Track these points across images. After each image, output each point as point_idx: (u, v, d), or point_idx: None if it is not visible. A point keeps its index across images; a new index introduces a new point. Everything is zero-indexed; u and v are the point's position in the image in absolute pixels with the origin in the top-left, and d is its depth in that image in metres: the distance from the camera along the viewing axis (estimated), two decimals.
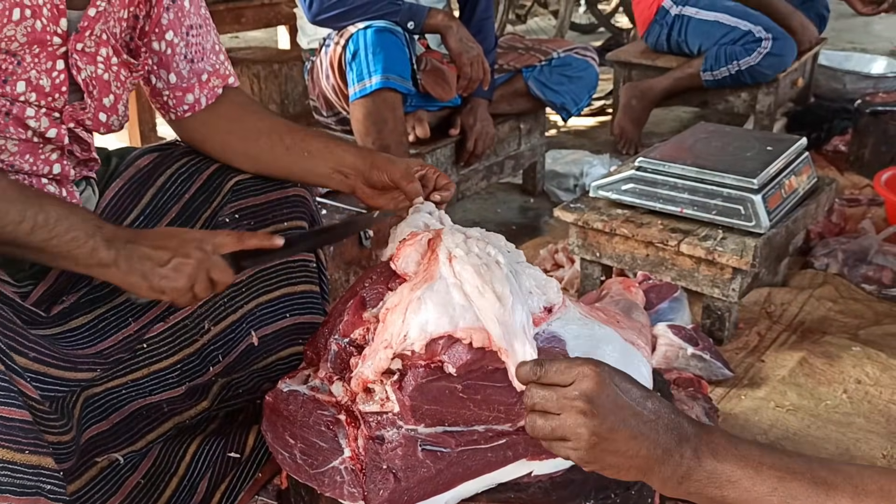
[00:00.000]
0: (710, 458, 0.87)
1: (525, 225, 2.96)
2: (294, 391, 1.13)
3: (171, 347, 1.35)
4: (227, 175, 1.45)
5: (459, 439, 1.06)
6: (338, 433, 1.10)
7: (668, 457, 0.88)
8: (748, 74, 3.30)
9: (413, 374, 1.03)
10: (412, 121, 2.51)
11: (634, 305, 1.42)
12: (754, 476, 0.86)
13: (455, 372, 1.03)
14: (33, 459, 0.95)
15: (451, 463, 1.05)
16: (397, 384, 1.03)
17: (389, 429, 1.05)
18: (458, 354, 1.02)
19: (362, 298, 1.13)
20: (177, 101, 1.41)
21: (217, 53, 1.44)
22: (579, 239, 2.16)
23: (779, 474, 0.85)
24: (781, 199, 2.04)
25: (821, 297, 2.28)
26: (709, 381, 1.87)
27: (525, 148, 3.01)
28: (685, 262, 2.00)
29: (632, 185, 2.10)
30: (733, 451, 0.88)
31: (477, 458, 1.06)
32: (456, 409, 1.05)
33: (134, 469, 1.33)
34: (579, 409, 0.88)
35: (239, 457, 1.40)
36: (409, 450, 1.04)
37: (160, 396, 1.33)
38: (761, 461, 0.86)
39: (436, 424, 1.05)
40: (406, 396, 1.03)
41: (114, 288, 1.29)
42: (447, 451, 1.05)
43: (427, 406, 1.04)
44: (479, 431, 1.06)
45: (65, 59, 1.20)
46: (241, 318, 1.41)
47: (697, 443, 0.88)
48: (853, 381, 1.90)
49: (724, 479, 0.87)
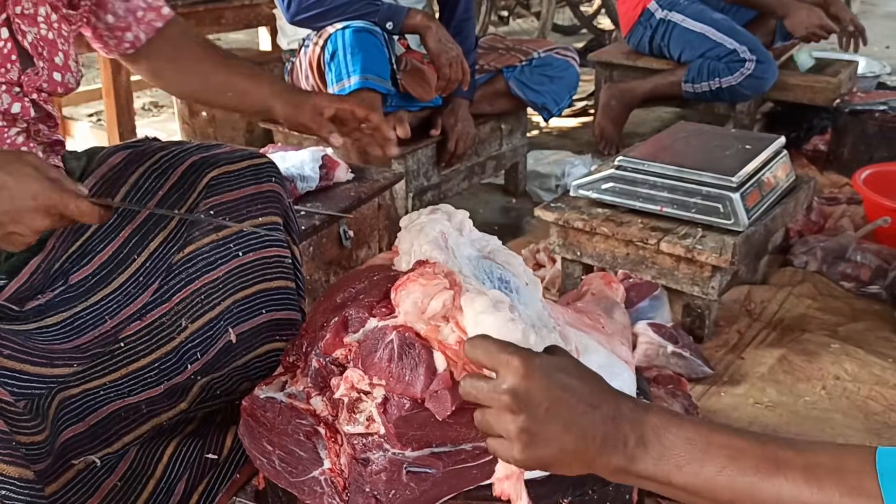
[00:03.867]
0: (657, 443, 0.83)
1: (507, 225, 2.96)
2: (271, 398, 1.11)
3: (148, 345, 1.33)
4: (202, 171, 1.43)
5: (447, 460, 1.03)
6: (317, 444, 1.08)
7: (610, 446, 0.83)
8: (727, 93, 3.31)
9: (396, 403, 1.00)
10: (393, 121, 2.49)
11: (615, 304, 1.41)
12: (702, 457, 0.81)
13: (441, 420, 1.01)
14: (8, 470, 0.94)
15: (435, 483, 1.03)
16: (382, 407, 1.01)
17: (375, 452, 1.02)
18: (443, 404, 0.99)
19: (344, 320, 1.09)
20: (117, 41, 1.45)
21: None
22: (560, 238, 2.17)
23: (727, 453, 0.81)
24: (760, 197, 2.05)
25: (800, 294, 2.29)
26: (689, 379, 1.87)
27: (507, 148, 3.01)
28: (665, 261, 2.01)
29: (612, 185, 2.11)
30: (681, 433, 0.83)
31: (462, 476, 1.04)
32: (443, 433, 1.02)
33: (111, 471, 1.31)
34: (505, 405, 0.83)
35: (216, 458, 1.39)
36: (394, 474, 1.01)
37: (139, 397, 1.32)
38: (709, 440, 0.82)
39: (423, 447, 1.02)
40: (391, 424, 1.00)
41: (90, 286, 1.29)
42: (433, 471, 1.03)
43: (413, 432, 1.01)
44: (466, 450, 1.03)
45: (7, 26, 1.19)
46: (219, 314, 1.39)
47: (641, 429, 0.84)
48: (832, 378, 1.91)
49: (672, 463, 0.82)
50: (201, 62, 1.50)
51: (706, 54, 3.29)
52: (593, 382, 0.87)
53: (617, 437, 0.84)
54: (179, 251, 1.37)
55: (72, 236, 1.32)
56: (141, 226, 1.36)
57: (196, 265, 1.38)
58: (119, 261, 1.33)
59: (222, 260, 1.40)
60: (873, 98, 3.27)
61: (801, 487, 0.78)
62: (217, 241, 1.40)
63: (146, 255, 1.35)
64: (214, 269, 1.39)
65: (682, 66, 3.37)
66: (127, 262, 1.34)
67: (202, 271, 1.38)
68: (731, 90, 3.29)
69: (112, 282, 1.32)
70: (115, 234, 1.35)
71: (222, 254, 1.40)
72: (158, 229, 1.36)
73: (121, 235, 1.35)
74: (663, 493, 0.87)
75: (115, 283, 1.32)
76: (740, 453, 0.81)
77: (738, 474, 0.80)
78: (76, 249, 1.32)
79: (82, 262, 1.31)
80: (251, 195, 1.44)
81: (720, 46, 3.26)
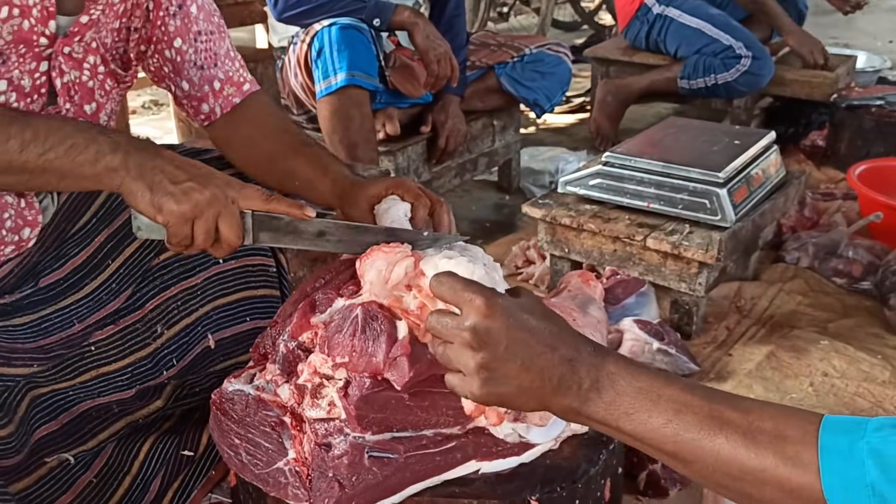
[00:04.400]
0: (610, 389, 0.86)
1: (499, 222, 2.95)
2: (239, 391, 1.12)
3: (121, 350, 1.33)
4: None
5: (408, 445, 1.04)
6: (282, 434, 1.08)
7: (565, 387, 0.86)
8: (724, 89, 3.29)
9: (357, 383, 1.01)
10: (382, 118, 2.49)
11: (591, 300, 1.41)
12: (651, 408, 0.84)
13: (400, 389, 1.01)
14: None
15: (398, 468, 1.03)
16: (342, 391, 1.02)
17: (336, 436, 1.03)
18: (401, 370, 1.00)
19: (312, 302, 1.11)
20: (194, 111, 1.40)
21: (232, 60, 1.42)
22: (548, 235, 2.16)
23: (675, 406, 0.84)
24: (748, 192, 2.03)
25: (791, 290, 2.27)
26: None
27: (499, 145, 3.00)
28: (652, 257, 2.00)
29: (599, 181, 2.09)
30: (634, 382, 0.86)
31: (425, 463, 1.05)
32: (403, 416, 1.04)
33: (86, 468, 1.32)
34: (465, 341, 0.87)
35: (192, 455, 1.39)
36: (356, 458, 1.02)
37: (109, 398, 1.32)
38: (660, 393, 0.85)
39: (383, 431, 1.03)
40: (351, 406, 1.01)
41: (61, 290, 1.29)
42: (395, 457, 1.03)
43: (373, 414, 1.02)
44: (427, 436, 1.05)
45: (49, 60, 1.18)
46: (197, 321, 1.39)
47: (597, 374, 0.87)
48: (820, 374, 1.89)
49: (621, 410, 0.85)
50: (273, 144, 1.40)
51: (702, 50, 3.28)
52: (555, 324, 0.89)
53: (572, 379, 0.86)
54: (155, 257, 1.37)
55: (49, 241, 1.31)
56: (118, 230, 1.36)
57: (172, 272, 1.38)
58: (93, 266, 1.33)
59: (201, 267, 1.40)
60: (871, 93, 3.25)
61: (739, 450, 0.81)
62: None
63: (121, 260, 1.35)
64: (192, 276, 1.39)
65: (678, 62, 3.36)
66: (101, 267, 1.33)
67: (179, 278, 1.38)
68: (727, 87, 3.27)
69: (84, 287, 1.32)
70: (91, 238, 1.34)
71: (201, 261, 1.39)
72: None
73: (97, 240, 1.34)
74: (613, 436, 0.91)
75: (86, 288, 1.32)
76: (687, 408, 0.84)
77: (682, 429, 0.83)
78: (52, 252, 1.31)
79: (55, 266, 1.31)
80: None
81: (716, 42, 3.25)
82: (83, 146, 1.01)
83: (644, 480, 1.55)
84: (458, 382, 0.91)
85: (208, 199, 1.04)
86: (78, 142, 1.01)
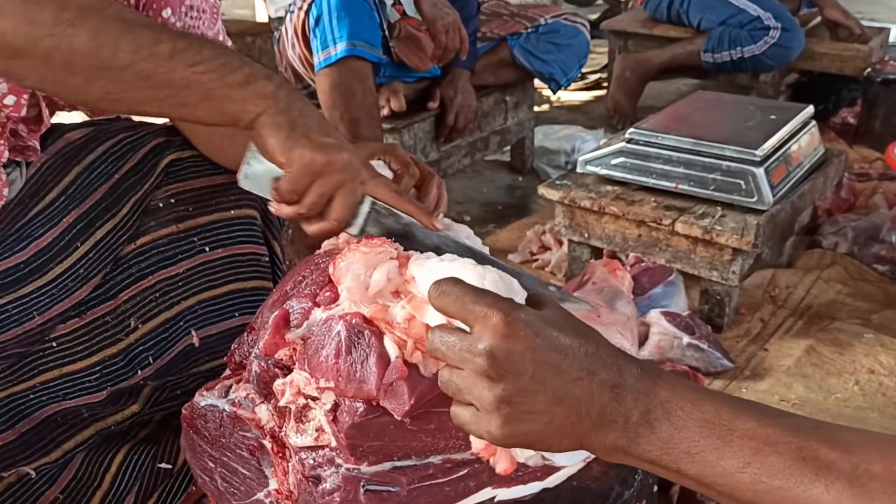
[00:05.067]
0: (665, 423, 0.68)
1: (512, 205, 2.81)
2: (212, 406, 0.96)
3: (87, 347, 1.20)
4: (164, 153, 1.30)
5: (412, 475, 0.88)
6: (262, 461, 0.93)
7: (608, 421, 0.69)
8: (750, 63, 3.14)
9: (348, 409, 0.85)
10: (386, 93, 2.36)
11: (619, 293, 1.26)
12: (721, 447, 0.67)
13: (400, 418, 0.85)
14: None
15: (401, 503, 0.88)
16: (331, 415, 0.85)
17: (326, 468, 0.87)
18: (400, 399, 0.83)
19: (286, 314, 0.93)
20: None
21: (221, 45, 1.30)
22: (566, 219, 2.01)
23: (754, 445, 0.66)
24: (786, 172, 1.89)
25: (829, 278, 2.13)
26: (706, 374, 1.73)
27: (512, 122, 2.85)
28: (680, 243, 1.86)
29: (622, 159, 1.95)
30: (696, 413, 0.68)
31: (432, 494, 0.89)
32: (405, 443, 0.87)
33: (51, 482, 1.19)
34: (480, 368, 0.69)
35: (171, 468, 1.26)
36: (350, 493, 0.86)
37: (77, 401, 1.19)
38: (732, 427, 0.67)
39: (382, 461, 0.87)
40: (342, 434, 0.85)
41: (21, 276, 1.16)
42: (396, 489, 0.87)
43: (369, 443, 0.86)
44: (434, 463, 0.88)
45: None
46: (178, 315, 1.27)
47: (648, 403, 0.69)
48: (865, 372, 1.76)
49: (681, 449, 0.68)
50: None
51: (728, 21, 3.13)
52: (591, 341, 0.72)
53: (617, 411, 0.69)
54: (130, 242, 1.25)
55: (10, 218, 1.18)
56: (89, 210, 1.23)
57: (149, 259, 1.26)
58: (59, 249, 1.20)
59: (183, 255, 1.28)
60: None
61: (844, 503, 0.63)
62: (177, 234, 1.28)
63: (91, 243, 1.22)
64: (173, 265, 1.27)
65: (701, 35, 3.23)
66: (68, 250, 1.20)
67: (157, 266, 1.26)
68: (754, 60, 3.11)
69: (47, 272, 1.18)
70: (59, 217, 1.21)
71: (184, 248, 1.27)
72: (108, 216, 1.23)
73: (65, 220, 1.21)
74: (671, 479, 0.72)
75: (50, 273, 1.19)
76: (770, 447, 0.66)
77: (764, 474, 0.65)
78: (13, 233, 1.18)
79: (16, 248, 1.18)
80: (221, 185, 1.32)
81: (743, 13, 3.10)
82: (236, 66, 0.93)
83: (678, 494, 1.40)
84: (470, 419, 0.72)
85: (343, 162, 0.96)
86: (231, 61, 0.94)
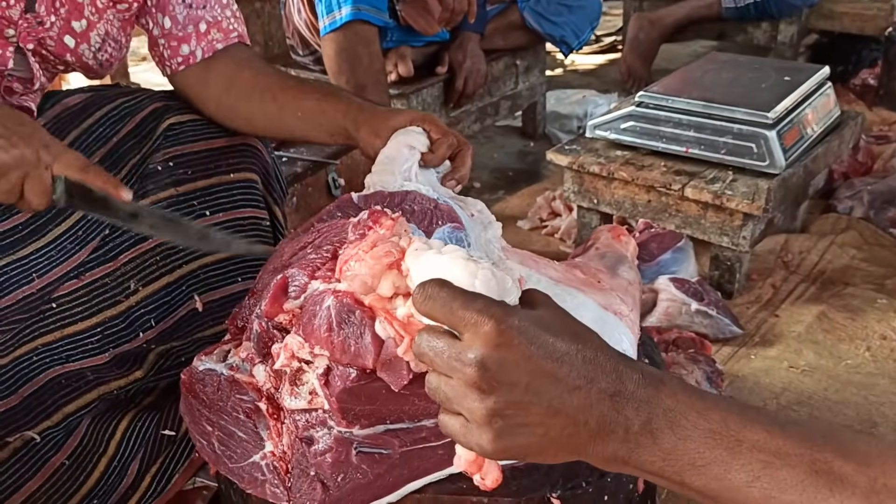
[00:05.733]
0: (668, 433, 0.64)
1: (523, 171, 2.78)
2: (210, 370, 0.96)
3: (87, 308, 1.20)
4: (163, 117, 1.30)
5: (404, 438, 0.88)
6: (258, 423, 0.94)
7: (607, 431, 0.65)
8: (775, 5, 3.05)
9: (340, 374, 0.83)
10: (394, 57, 2.32)
11: (622, 259, 1.24)
12: (729, 459, 0.63)
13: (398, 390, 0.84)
14: None
15: (392, 465, 0.87)
16: (323, 378, 0.85)
17: (319, 429, 0.87)
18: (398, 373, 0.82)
19: (284, 283, 0.93)
20: (172, 52, 1.30)
21: (224, 7, 1.33)
22: (575, 184, 1.99)
23: (764, 457, 0.62)
24: (799, 135, 1.85)
25: (843, 243, 2.09)
26: (715, 340, 1.70)
27: (523, 87, 2.81)
28: (690, 208, 1.83)
29: (632, 123, 1.91)
30: (701, 423, 0.64)
31: (425, 458, 0.88)
32: (398, 406, 0.86)
33: (57, 448, 1.20)
34: (470, 379, 0.64)
35: (174, 434, 1.26)
36: (342, 455, 0.86)
37: (81, 364, 1.19)
38: (740, 438, 0.63)
39: (375, 424, 0.86)
40: (334, 398, 0.84)
41: (19, 237, 1.17)
42: (388, 452, 0.87)
43: (361, 407, 0.85)
44: (427, 427, 0.87)
45: None
46: (180, 279, 1.27)
47: (650, 412, 0.65)
48: (878, 338, 1.73)
49: (685, 461, 0.64)
50: (263, 88, 1.30)
51: None
52: (588, 345, 0.67)
53: (616, 420, 0.65)
54: None
55: None
56: None
57: None
58: (57, 211, 1.21)
59: None
60: None
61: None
62: (177, 197, 1.28)
63: None
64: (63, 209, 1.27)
65: None
66: (66, 212, 1.22)
67: None
68: (778, 2, 3.02)
69: (46, 234, 1.20)
70: None
71: (183, 211, 1.28)
72: None
73: None
74: (673, 490, 0.68)
75: (49, 235, 1.20)
76: (781, 459, 0.62)
77: (774, 489, 0.61)
78: None
79: (14, 211, 1.19)
80: (221, 148, 1.32)
81: None
82: None
83: None
84: (459, 430, 0.67)
85: (15, 159, 1.00)
86: None
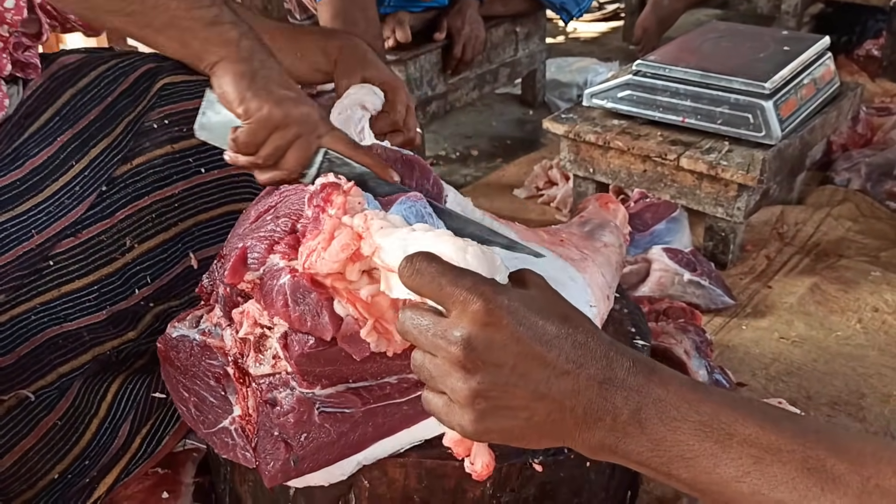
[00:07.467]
0: (657, 423, 0.62)
1: (522, 139, 2.76)
2: (184, 336, 0.97)
3: (83, 265, 1.20)
4: (156, 77, 1.29)
5: (367, 396, 0.88)
6: (227, 388, 0.94)
7: (594, 419, 0.63)
8: None
9: (298, 339, 0.84)
10: (391, 23, 2.29)
11: (605, 224, 1.22)
12: (718, 453, 0.61)
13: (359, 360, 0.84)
14: None
15: (356, 423, 0.88)
16: (282, 341, 0.85)
17: (282, 390, 0.87)
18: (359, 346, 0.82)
19: (244, 255, 0.91)
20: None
21: None
22: (571, 153, 1.98)
23: (754, 452, 0.61)
24: (797, 105, 1.82)
25: (839, 215, 2.08)
26: (707, 311, 1.71)
27: (522, 54, 2.77)
28: (686, 178, 1.81)
29: (629, 92, 1.89)
30: (692, 414, 0.62)
31: (390, 415, 0.89)
32: (359, 366, 0.86)
33: (50, 409, 1.21)
34: (455, 358, 0.63)
35: (165, 397, 1.27)
36: (304, 415, 0.86)
37: (78, 323, 1.20)
38: (731, 431, 0.61)
39: (336, 383, 0.87)
40: (293, 361, 0.85)
41: (18, 193, 1.17)
42: (351, 411, 0.88)
43: (321, 369, 0.85)
44: (391, 383, 0.87)
45: None
46: (176, 236, 1.28)
47: (639, 401, 0.63)
48: (869, 310, 1.73)
49: (674, 453, 0.62)
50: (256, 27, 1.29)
51: None
52: (579, 329, 0.65)
53: (604, 408, 0.63)
54: (125, 162, 1.25)
55: (7, 138, 1.19)
56: (83, 131, 1.24)
57: (145, 179, 1.26)
58: (55, 166, 1.21)
59: (178, 175, 1.28)
60: None
61: None
62: (172, 154, 1.28)
63: (85, 162, 1.23)
64: (169, 185, 1.27)
65: None
66: (63, 168, 1.21)
67: (153, 186, 1.26)
68: None
69: (44, 189, 1.20)
70: (53, 137, 1.23)
71: (179, 168, 1.27)
72: (102, 135, 1.24)
73: (59, 140, 1.22)
74: (660, 481, 0.67)
75: (47, 191, 1.20)
76: (772, 455, 0.61)
77: (764, 485, 0.60)
78: (10, 152, 1.19)
79: (13, 167, 1.19)
80: None
81: None
82: (207, 4, 0.95)
83: None
84: (441, 409, 0.66)
85: (301, 116, 0.98)
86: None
